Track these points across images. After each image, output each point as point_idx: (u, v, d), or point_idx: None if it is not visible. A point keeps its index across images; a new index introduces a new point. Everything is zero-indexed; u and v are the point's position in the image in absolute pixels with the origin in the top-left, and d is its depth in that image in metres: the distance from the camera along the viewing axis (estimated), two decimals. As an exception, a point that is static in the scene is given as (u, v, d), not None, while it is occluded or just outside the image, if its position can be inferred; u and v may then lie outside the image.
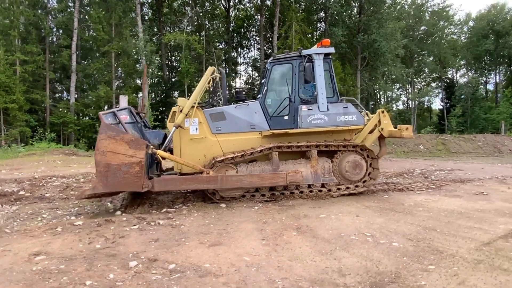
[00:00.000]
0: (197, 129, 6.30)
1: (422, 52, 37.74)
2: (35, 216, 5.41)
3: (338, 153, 6.44)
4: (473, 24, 40.45)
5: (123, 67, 24.53)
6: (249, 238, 4.12)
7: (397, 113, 38.20)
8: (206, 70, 6.53)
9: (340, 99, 6.67)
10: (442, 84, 42.40)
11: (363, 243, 3.87)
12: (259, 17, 31.25)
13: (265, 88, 6.64)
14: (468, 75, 41.68)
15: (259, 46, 32.38)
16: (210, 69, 6.40)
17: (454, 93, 38.55)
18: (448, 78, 43.16)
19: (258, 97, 6.82)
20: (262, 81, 7.07)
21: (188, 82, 25.66)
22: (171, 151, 6.33)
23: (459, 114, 32.22)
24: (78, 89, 26.00)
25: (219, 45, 34.16)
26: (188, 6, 29.82)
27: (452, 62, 38.98)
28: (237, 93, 7.56)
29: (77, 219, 5.15)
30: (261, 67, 29.26)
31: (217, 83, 6.67)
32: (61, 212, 5.70)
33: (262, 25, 29.95)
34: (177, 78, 30.90)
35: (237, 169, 6.17)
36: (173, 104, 17.12)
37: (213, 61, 27.33)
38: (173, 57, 35.41)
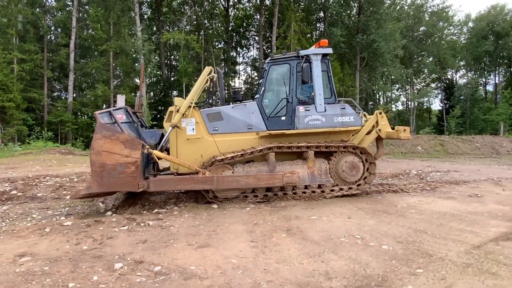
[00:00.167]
0: (193, 129, 6.25)
1: (421, 52, 37.67)
2: (25, 216, 5.36)
3: (335, 154, 6.39)
4: (472, 25, 40.38)
5: (121, 66, 24.49)
6: (238, 240, 4.09)
7: (396, 113, 38.16)
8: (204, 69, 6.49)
9: (338, 100, 6.64)
10: (441, 84, 42.34)
11: (352, 245, 3.83)
12: (259, 16, 31.22)
13: (263, 88, 6.59)
14: (467, 76, 41.61)
15: (258, 45, 32.33)
16: (207, 69, 6.35)
17: (453, 94, 38.50)
18: (447, 79, 43.12)
19: (256, 97, 6.78)
20: (259, 81, 7.03)
21: (186, 81, 25.61)
22: (167, 151, 6.30)
23: (458, 115, 32.14)
24: (76, 88, 25.96)
25: (218, 45, 34.13)
26: (187, 5, 29.76)
27: (451, 63, 38.88)
28: (234, 93, 7.51)
29: (67, 219, 5.10)
30: (260, 67, 29.19)
31: (215, 83, 6.62)
32: (52, 212, 5.65)
33: (261, 25, 29.91)
34: (176, 77, 30.88)
35: (233, 169, 6.13)
36: (171, 103, 17.06)
37: (211, 61, 27.27)
38: (172, 56, 35.38)
